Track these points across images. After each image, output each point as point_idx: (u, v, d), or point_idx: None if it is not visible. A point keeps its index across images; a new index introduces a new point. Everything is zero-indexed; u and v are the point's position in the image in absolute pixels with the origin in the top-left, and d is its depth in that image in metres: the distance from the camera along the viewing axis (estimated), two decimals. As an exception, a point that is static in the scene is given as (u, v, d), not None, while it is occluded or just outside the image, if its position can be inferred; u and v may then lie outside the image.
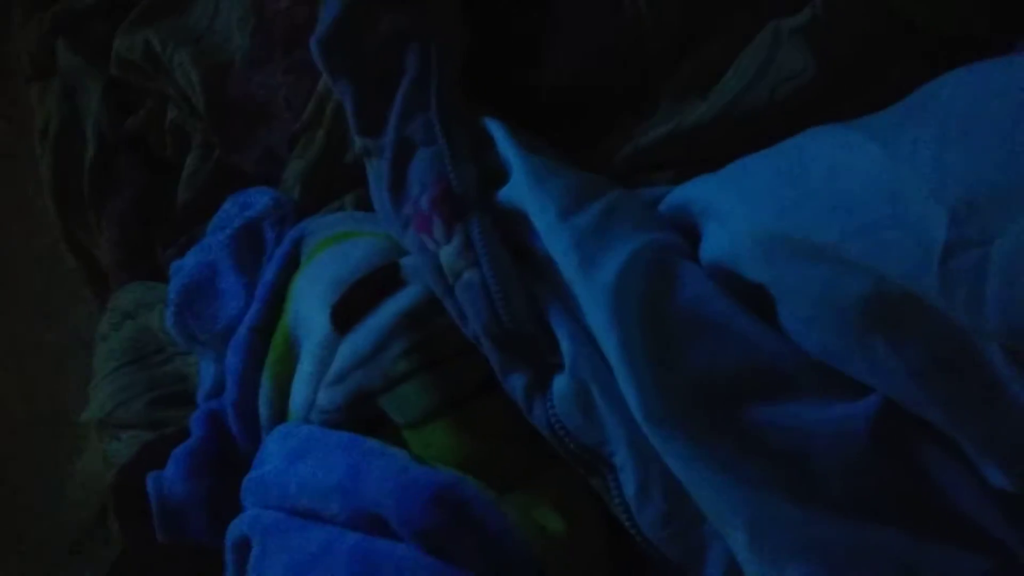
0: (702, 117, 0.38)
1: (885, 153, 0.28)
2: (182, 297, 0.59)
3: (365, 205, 0.56)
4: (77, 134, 0.83)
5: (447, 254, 0.40)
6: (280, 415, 0.53)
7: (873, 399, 0.31)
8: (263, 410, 0.54)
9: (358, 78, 0.43)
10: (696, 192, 0.36)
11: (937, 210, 0.27)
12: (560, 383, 0.39)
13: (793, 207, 0.30)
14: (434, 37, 0.43)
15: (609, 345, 0.33)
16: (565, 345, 0.38)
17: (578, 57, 0.41)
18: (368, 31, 0.43)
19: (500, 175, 0.41)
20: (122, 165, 0.78)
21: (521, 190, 0.38)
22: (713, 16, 0.38)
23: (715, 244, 0.34)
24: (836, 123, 0.32)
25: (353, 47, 0.43)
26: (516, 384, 0.40)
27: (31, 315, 1.27)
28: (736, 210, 0.33)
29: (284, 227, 0.58)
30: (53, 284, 1.18)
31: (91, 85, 0.81)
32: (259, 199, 0.60)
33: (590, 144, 0.42)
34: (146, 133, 0.76)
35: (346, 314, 0.47)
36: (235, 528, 0.49)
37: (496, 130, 0.41)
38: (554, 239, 0.36)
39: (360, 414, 0.47)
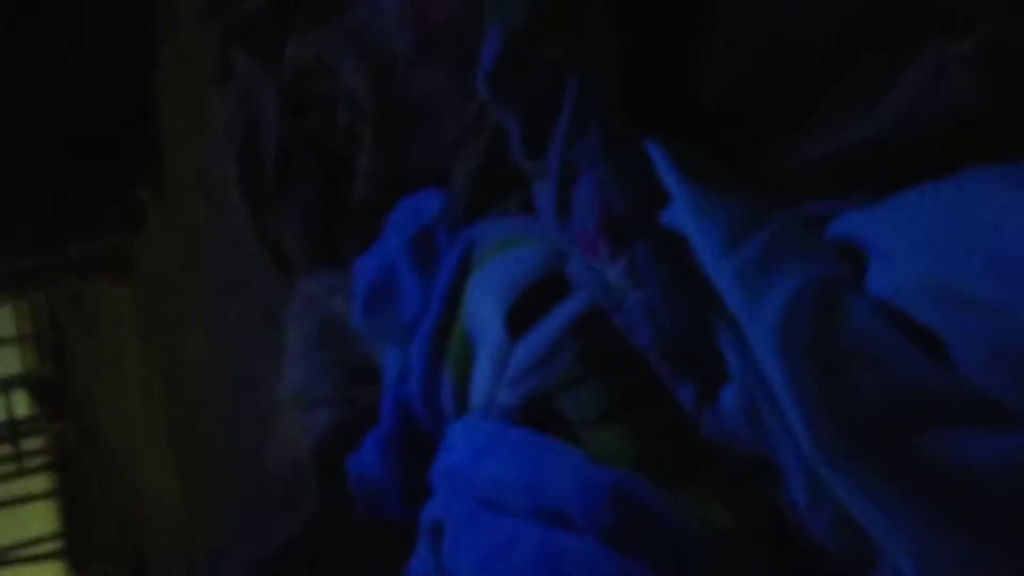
0: (865, 135, 0.38)
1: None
2: (367, 296, 0.64)
3: (530, 207, 0.59)
4: (258, 135, 0.90)
5: (614, 274, 0.43)
6: (462, 406, 0.58)
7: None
8: (446, 401, 0.59)
9: (521, 107, 0.45)
10: (862, 226, 0.36)
11: None
12: (728, 396, 0.40)
13: (960, 258, 0.30)
14: (592, 65, 0.44)
15: (777, 380, 0.35)
16: (732, 360, 0.40)
17: (743, 68, 0.42)
18: (529, 63, 0.45)
19: (663, 195, 0.43)
20: (300, 164, 0.85)
21: (683, 218, 0.40)
22: (875, 33, 0.37)
23: (882, 282, 0.34)
24: (999, 170, 0.31)
25: (516, 79, 0.45)
26: (686, 395, 0.42)
27: (224, 291, 1.40)
28: (902, 253, 0.33)
29: (454, 231, 0.62)
30: (243, 263, 1.30)
31: (267, 88, 0.87)
32: (430, 204, 0.64)
33: (751, 158, 0.43)
34: (320, 134, 0.82)
35: (519, 320, 0.51)
36: (429, 512, 0.55)
37: (657, 154, 0.42)
38: (718, 273, 0.37)
39: (535, 413, 0.51)
